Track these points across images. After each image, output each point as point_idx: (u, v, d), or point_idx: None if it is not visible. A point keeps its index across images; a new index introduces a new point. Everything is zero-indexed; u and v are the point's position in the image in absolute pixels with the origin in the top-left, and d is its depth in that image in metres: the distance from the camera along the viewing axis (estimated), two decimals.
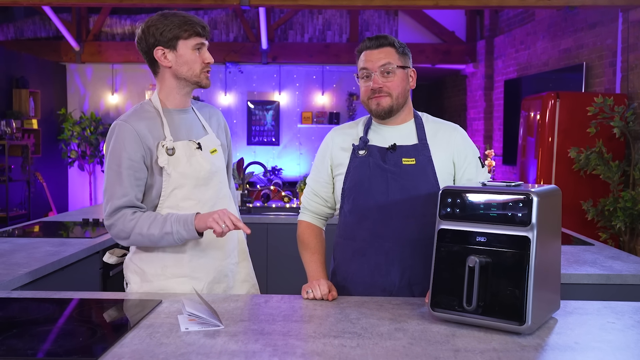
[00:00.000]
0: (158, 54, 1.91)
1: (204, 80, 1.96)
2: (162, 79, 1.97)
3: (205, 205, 1.96)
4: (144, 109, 1.96)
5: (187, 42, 1.90)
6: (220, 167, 2.04)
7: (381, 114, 1.92)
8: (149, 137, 1.90)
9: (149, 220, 1.86)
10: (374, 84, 1.89)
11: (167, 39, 1.89)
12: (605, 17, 5.36)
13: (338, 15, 8.84)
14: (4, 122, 6.95)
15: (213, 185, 1.99)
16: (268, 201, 4.87)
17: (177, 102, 1.98)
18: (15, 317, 1.66)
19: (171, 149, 1.90)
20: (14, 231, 3.19)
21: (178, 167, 1.91)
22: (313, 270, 1.97)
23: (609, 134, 4.68)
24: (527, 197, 1.48)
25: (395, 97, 1.90)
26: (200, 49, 1.93)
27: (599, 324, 1.58)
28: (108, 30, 8.77)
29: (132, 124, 1.89)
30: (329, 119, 8.71)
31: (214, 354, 1.34)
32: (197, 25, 1.91)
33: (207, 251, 1.97)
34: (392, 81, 1.89)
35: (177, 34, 1.89)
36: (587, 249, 2.82)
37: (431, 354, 1.36)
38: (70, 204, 8.98)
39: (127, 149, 1.87)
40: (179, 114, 1.98)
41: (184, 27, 1.89)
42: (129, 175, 1.87)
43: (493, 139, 8.13)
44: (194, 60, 1.92)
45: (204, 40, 1.94)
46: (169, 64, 1.92)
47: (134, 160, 1.88)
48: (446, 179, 1.91)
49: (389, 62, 1.88)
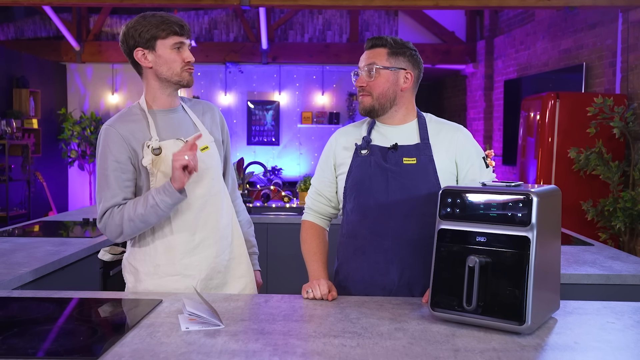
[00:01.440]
0: (138, 55, 1.92)
1: (185, 78, 1.95)
2: (146, 80, 1.98)
3: (195, 203, 1.96)
4: (130, 112, 1.98)
5: (165, 41, 1.91)
6: (212, 165, 2.02)
7: (362, 112, 1.96)
8: (133, 139, 1.91)
9: (132, 204, 1.89)
10: (357, 82, 1.95)
11: (146, 40, 1.90)
12: (605, 17, 5.37)
13: (338, 15, 8.84)
14: (4, 122, 6.95)
15: (204, 183, 1.99)
16: (268, 201, 4.87)
17: (163, 102, 1.99)
18: (16, 316, 1.66)
19: (157, 149, 1.91)
20: (14, 231, 3.19)
21: (163, 167, 1.92)
22: (314, 270, 1.97)
23: (609, 134, 4.68)
24: (527, 197, 1.48)
25: (377, 97, 1.92)
26: (180, 48, 1.93)
27: (599, 324, 1.58)
28: (108, 30, 8.78)
29: (116, 128, 1.92)
30: (329, 119, 8.71)
31: (214, 353, 1.35)
32: (175, 24, 1.91)
33: (199, 249, 1.98)
34: (374, 81, 1.91)
35: (154, 33, 1.90)
36: (587, 249, 2.82)
37: (431, 353, 1.36)
38: (70, 203, 8.98)
39: (112, 152, 1.90)
40: (166, 114, 1.99)
41: (162, 27, 1.90)
42: (116, 177, 1.90)
43: (493, 139, 8.14)
44: (173, 60, 1.92)
45: (183, 40, 1.93)
46: (149, 64, 1.92)
47: (120, 162, 1.90)
48: (448, 179, 1.92)
49: (374, 63, 1.91)
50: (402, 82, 1.93)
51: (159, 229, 1.95)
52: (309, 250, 2.02)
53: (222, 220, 2.03)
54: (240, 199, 2.27)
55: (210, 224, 2.00)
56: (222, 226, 2.03)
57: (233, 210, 2.13)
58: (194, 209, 1.96)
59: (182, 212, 1.95)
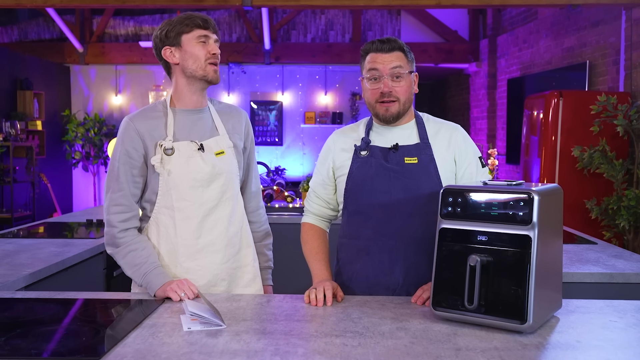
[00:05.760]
0: (166, 53, 1.97)
1: (210, 73, 1.97)
2: (174, 78, 2.01)
3: (202, 207, 1.95)
4: (153, 108, 2.00)
5: (189, 35, 1.94)
6: (227, 170, 2.00)
7: (389, 120, 1.93)
8: (149, 136, 1.92)
9: (130, 251, 1.91)
10: (384, 88, 1.89)
11: (172, 37, 1.95)
12: (609, 15, 5.35)
13: (341, 15, 8.84)
14: (9, 124, 6.98)
15: (215, 187, 1.97)
16: (271, 201, 4.87)
17: (188, 101, 2.00)
18: (20, 317, 1.67)
19: (170, 149, 1.92)
20: (18, 232, 3.20)
21: (171, 167, 1.92)
22: (317, 270, 1.97)
23: (613, 133, 4.67)
24: (528, 196, 1.48)
25: (403, 103, 1.91)
26: (205, 42, 1.96)
27: (601, 323, 1.58)
28: (111, 32, 8.80)
29: (134, 122, 1.94)
30: (332, 118, 8.72)
31: (216, 353, 1.35)
32: (198, 18, 1.96)
33: (202, 254, 1.96)
34: (401, 86, 1.90)
35: (179, 30, 1.94)
36: (590, 247, 2.81)
37: (432, 352, 1.36)
38: (75, 204, 9.01)
39: (126, 146, 1.92)
40: (188, 114, 1.99)
41: (185, 22, 1.95)
42: (125, 171, 1.92)
43: (496, 138, 8.12)
44: (198, 52, 1.94)
45: (207, 33, 1.96)
46: (177, 60, 1.96)
47: (132, 157, 1.92)
48: (449, 178, 1.92)
49: (400, 66, 1.89)
50: (414, 85, 1.95)
51: (164, 230, 1.96)
52: (310, 250, 2.02)
53: (230, 228, 2.01)
54: (264, 209, 2.23)
55: (217, 230, 1.98)
56: (231, 233, 2.01)
57: (245, 219, 2.10)
58: (200, 214, 1.95)
59: (187, 215, 1.94)
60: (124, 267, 1.93)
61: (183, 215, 1.94)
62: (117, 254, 1.92)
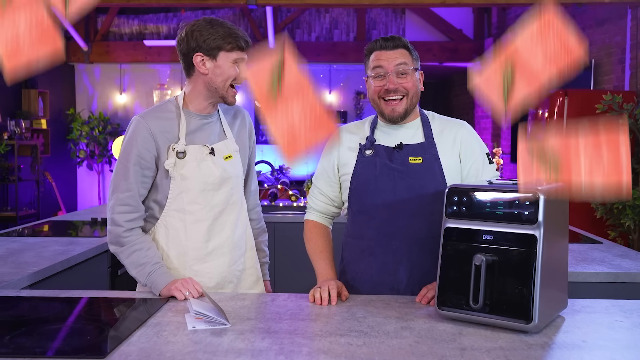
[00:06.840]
0: (197, 59, 1.90)
1: (230, 97, 1.95)
2: (194, 82, 1.96)
3: (212, 210, 1.96)
4: (165, 108, 1.96)
5: (228, 54, 1.90)
6: (235, 174, 2.01)
7: (396, 120, 1.92)
8: (161, 138, 1.91)
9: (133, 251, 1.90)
10: (389, 84, 1.88)
11: (210, 48, 1.88)
12: (614, 14, 5.33)
13: (345, 13, 8.83)
14: (14, 122, 6.99)
15: (224, 191, 1.98)
16: (275, 200, 4.87)
17: (201, 107, 1.98)
18: (24, 315, 1.67)
19: (182, 153, 1.91)
20: (23, 230, 3.21)
21: (184, 171, 1.91)
22: (322, 268, 1.96)
23: None
24: (533, 195, 1.47)
25: (410, 98, 1.90)
26: (239, 64, 1.92)
27: (607, 323, 1.57)
28: (116, 30, 8.81)
29: (147, 122, 1.91)
30: (337, 117, 8.71)
31: (220, 352, 1.35)
32: (241, 39, 1.90)
33: (212, 256, 1.97)
34: (407, 81, 1.89)
35: (220, 44, 1.88)
36: (596, 247, 2.80)
37: (437, 352, 1.35)
38: (79, 203, 9.03)
39: (138, 146, 1.89)
40: (200, 118, 1.98)
41: (228, 40, 1.89)
42: (135, 171, 1.89)
43: (501, 137, 8.10)
44: (230, 74, 1.91)
45: (244, 55, 1.92)
46: (206, 71, 1.91)
47: (143, 158, 1.89)
48: (454, 177, 1.91)
49: (405, 63, 1.88)
50: (420, 84, 1.94)
51: (173, 233, 1.95)
52: (314, 248, 2.02)
53: (237, 230, 2.03)
54: (260, 207, 2.26)
55: (225, 233, 1.99)
56: (237, 236, 2.03)
57: (248, 221, 2.12)
58: (210, 217, 1.96)
59: (197, 218, 1.95)
60: (127, 266, 1.92)
61: (194, 218, 1.94)
62: (122, 253, 1.92)
